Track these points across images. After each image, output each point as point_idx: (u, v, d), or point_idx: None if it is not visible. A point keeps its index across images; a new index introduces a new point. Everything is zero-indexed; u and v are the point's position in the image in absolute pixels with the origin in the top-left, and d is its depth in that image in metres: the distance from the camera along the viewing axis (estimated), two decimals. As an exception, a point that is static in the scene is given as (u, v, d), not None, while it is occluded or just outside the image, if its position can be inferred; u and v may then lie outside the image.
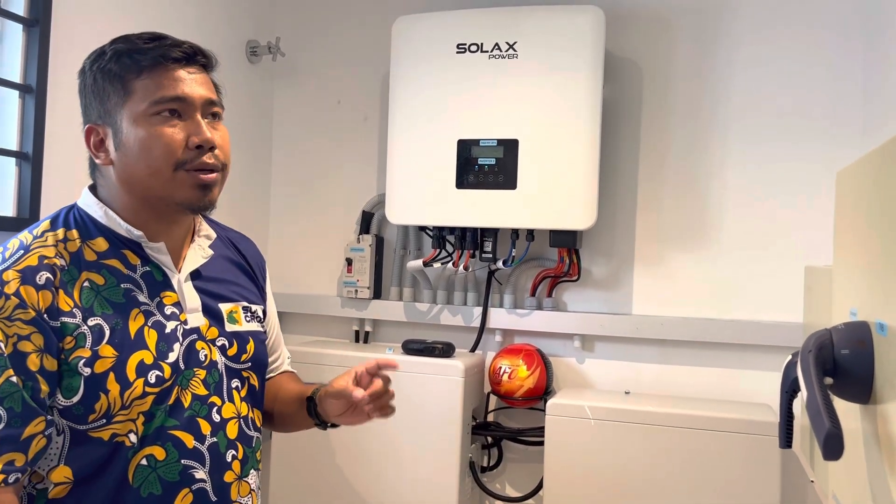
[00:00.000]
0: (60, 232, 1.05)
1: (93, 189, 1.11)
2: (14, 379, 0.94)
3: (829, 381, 0.78)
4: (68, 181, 1.66)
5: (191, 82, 1.07)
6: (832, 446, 0.69)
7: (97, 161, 1.09)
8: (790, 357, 1.10)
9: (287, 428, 1.35)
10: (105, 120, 1.07)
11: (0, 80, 1.58)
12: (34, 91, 1.59)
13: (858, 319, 0.83)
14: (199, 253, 1.16)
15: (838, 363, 0.78)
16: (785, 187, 2.01)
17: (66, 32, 1.66)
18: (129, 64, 1.05)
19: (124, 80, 1.05)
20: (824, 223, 1.90)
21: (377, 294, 2.34)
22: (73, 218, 1.08)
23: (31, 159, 1.59)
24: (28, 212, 1.58)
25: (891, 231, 0.74)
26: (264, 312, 1.26)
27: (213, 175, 1.07)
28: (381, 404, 1.20)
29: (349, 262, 2.30)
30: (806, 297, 1.51)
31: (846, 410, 0.84)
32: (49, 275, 0.99)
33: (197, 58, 1.09)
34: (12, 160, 1.59)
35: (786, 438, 1.02)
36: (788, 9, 2.02)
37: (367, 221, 2.34)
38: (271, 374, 1.34)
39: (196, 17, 2.09)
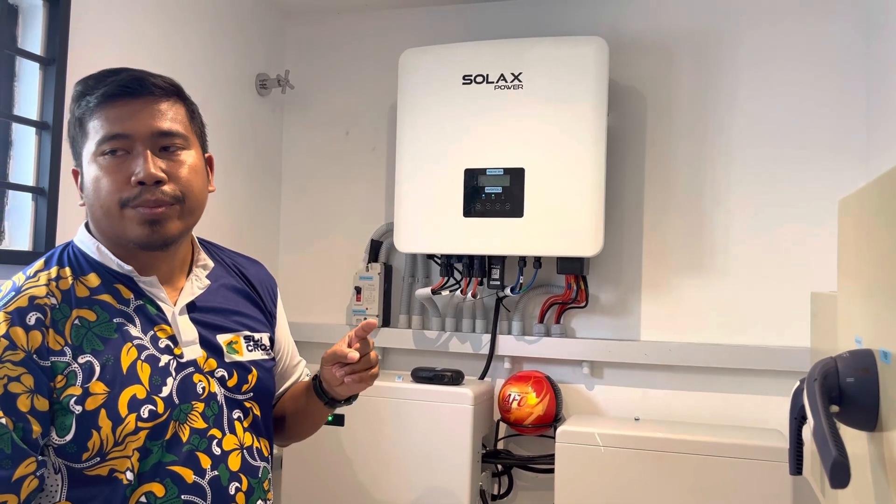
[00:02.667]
0: (53, 270, 1.05)
1: (89, 226, 1.12)
2: (4, 420, 0.94)
3: (835, 409, 0.78)
4: (83, 216, 1.69)
5: (137, 116, 1.04)
6: (838, 475, 0.69)
7: (79, 203, 1.10)
8: (798, 383, 1.11)
9: (299, 426, 1.32)
10: (77, 162, 1.09)
11: (17, 117, 1.62)
12: (50, 128, 1.63)
13: (863, 347, 0.83)
14: (195, 284, 1.14)
15: (844, 391, 0.79)
16: (790, 212, 2.03)
17: (82, 70, 1.68)
18: (84, 106, 1.05)
19: (82, 122, 1.06)
20: (830, 248, 1.91)
21: (386, 322, 2.35)
22: (66, 256, 1.08)
23: (47, 194, 1.62)
24: (44, 246, 1.60)
25: (893, 260, 0.76)
26: (271, 340, 1.24)
27: (161, 210, 1.04)
28: (363, 370, 1.18)
29: (358, 290, 2.32)
30: (813, 322, 1.51)
31: (853, 437, 0.84)
32: (39, 315, 0.99)
33: (150, 90, 1.06)
34: (29, 195, 1.63)
35: (796, 465, 1.03)
36: (790, 36, 2.05)
37: (375, 250, 2.36)
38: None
39: (206, 51, 2.14)
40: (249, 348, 1.17)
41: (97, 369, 1.00)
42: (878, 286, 0.81)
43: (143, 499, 1.02)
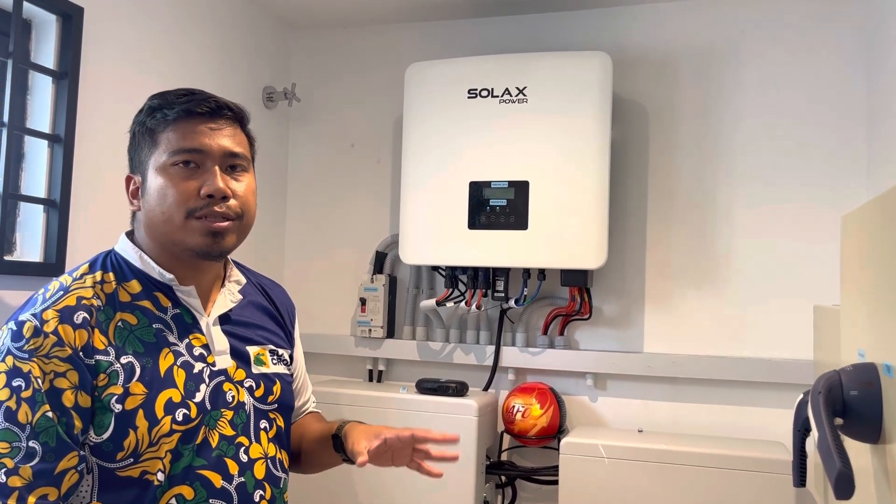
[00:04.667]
0: (98, 274, 1.10)
1: (130, 235, 1.17)
2: (50, 414, 0.98)
3: (839, 421, 0.80)
4: (94, 227, 1.71)
5: (212, 135, 1.11)
6: (843, 486, 0.71)
7: (131, 207, 1.16)
8: (801, 396, 1.13)
9: (313, 467, 1.36)
10: (138, 169, 1.13)
11: (30, 129, 1.64)
12: (62, 141, 1.65)
13: (866, 361, 0.85)
14: (228, 297, 1.20)
15: (847, 404, 0.81)
16: (792, 225, 2.04)
17: (94, 85, 1.73)
18: (160, 118, 1.11)
19: (154, 132, 1.11)
20: (832, 261, 1.93)
21: (391, 333, 2.36)
22: (110, 262, 1.13)
23: (58, 206, 1.64)
24: (55, 257, 1.62)
25: (894, 275, 0.77)
26: (291, 357, 1.29)
27: (225, 224, 1.10)
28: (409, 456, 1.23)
29: (363, 301, 2.33)
30: (815, 335, 1.53)
31: (857, 450, 0.86)
32: (86, 314, 1.03)
33: (223, 112, 1.13)
34: (40, 207, 1.65)
35: (799, 477, 1.04)
36: (792, 51, 2.07)
37: (380, 262, 2.38)
38: (298, 417, 1.37)
39: (215, 65, 2.16)
40: (274, 361, 1.22)
41: (138, 370, 1.04)
42: (880, 301, 0.83)
43: (172, 501, 1.05)
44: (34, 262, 1.62)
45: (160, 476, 1.04)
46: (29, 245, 1.65)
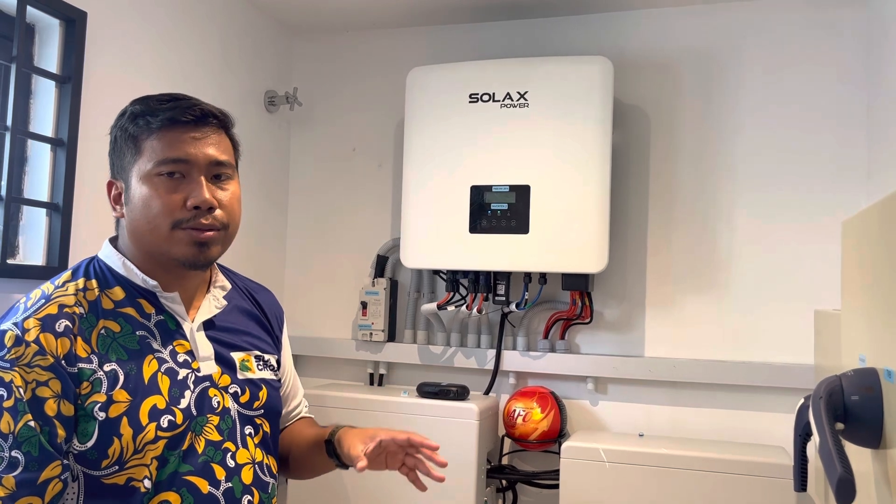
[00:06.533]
0: (81, 282, 1.09)
1: (113, 241, 1.16)
2: (32, 424, 0.97)
3: (840, 426, 0.80)
4: (96, 231, 1.71)
5: (197, 144, 1.09)
6: (844, 491, 0.71)
7: (113, 213, 1.15)
8: (802, 400, 1.13)
9: (305, 473, 1.35)
10: (121, 175, 1.12)
11: (33, 134, 1.65)
12: (65, 145, 1.65)
13: (867, 366, 0.85)
14: (212, 303, 1.19)
15: (849, 409, 0.81)
16: (793, 230, 2.05)
17: (97, 89, 1.74)
18: (143, 125, 1.09)
19: (137, 139, 1.10)
20: (833, 265, 1.93)
21: (391, 337, 2.37)
22: (93, 269, 1.12)
23: (60, 210, 1.64)
24: (57, 261, 1.63)
25: (895, 280, 0.78)
26: (278, 362, 1.28)
27: (211, 234, 1.09)
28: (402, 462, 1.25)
29: (364, 305, 2.34)
30: (816, 340, 1.53)
31: (858, 454, 0.86)
32: (68, 322, 1.03)
33: (208, 119, 1.11)
34: (43, 211, 1.65)
35: (800, 482, 1.04)
36: (792, 56, 2.08)
37: (381, 265, 2.38)
38: (289, 422, 1.36)
39: (217, 69, 2.17)
40: (260, 367, 1.21)
41: (121, 377, 1.04)
42: (881, 306, 0.83)
43: None
44: (37, 265, 1.63)
45: (146, 483, 1.03)
46: (32, 249, 1.65)
